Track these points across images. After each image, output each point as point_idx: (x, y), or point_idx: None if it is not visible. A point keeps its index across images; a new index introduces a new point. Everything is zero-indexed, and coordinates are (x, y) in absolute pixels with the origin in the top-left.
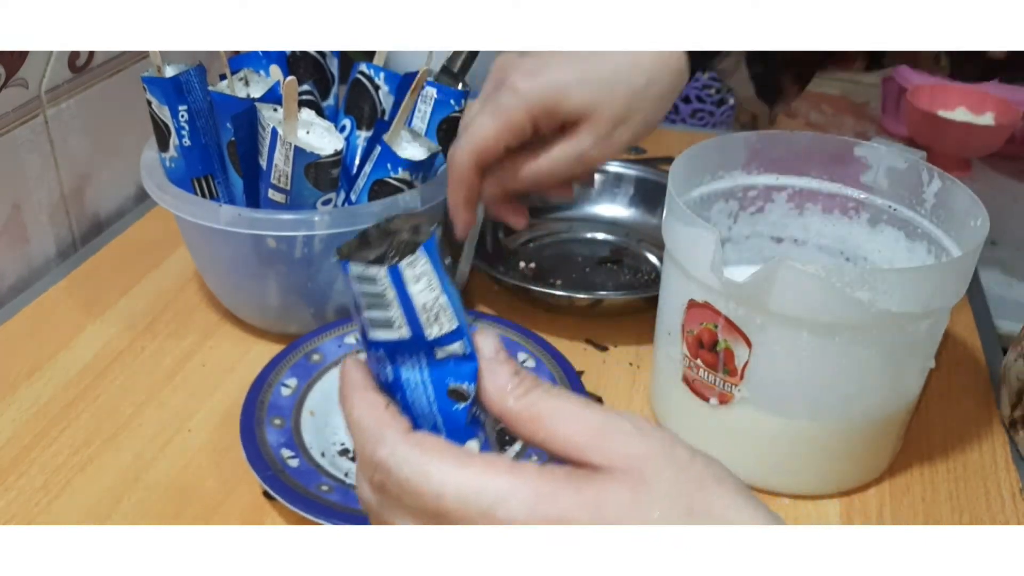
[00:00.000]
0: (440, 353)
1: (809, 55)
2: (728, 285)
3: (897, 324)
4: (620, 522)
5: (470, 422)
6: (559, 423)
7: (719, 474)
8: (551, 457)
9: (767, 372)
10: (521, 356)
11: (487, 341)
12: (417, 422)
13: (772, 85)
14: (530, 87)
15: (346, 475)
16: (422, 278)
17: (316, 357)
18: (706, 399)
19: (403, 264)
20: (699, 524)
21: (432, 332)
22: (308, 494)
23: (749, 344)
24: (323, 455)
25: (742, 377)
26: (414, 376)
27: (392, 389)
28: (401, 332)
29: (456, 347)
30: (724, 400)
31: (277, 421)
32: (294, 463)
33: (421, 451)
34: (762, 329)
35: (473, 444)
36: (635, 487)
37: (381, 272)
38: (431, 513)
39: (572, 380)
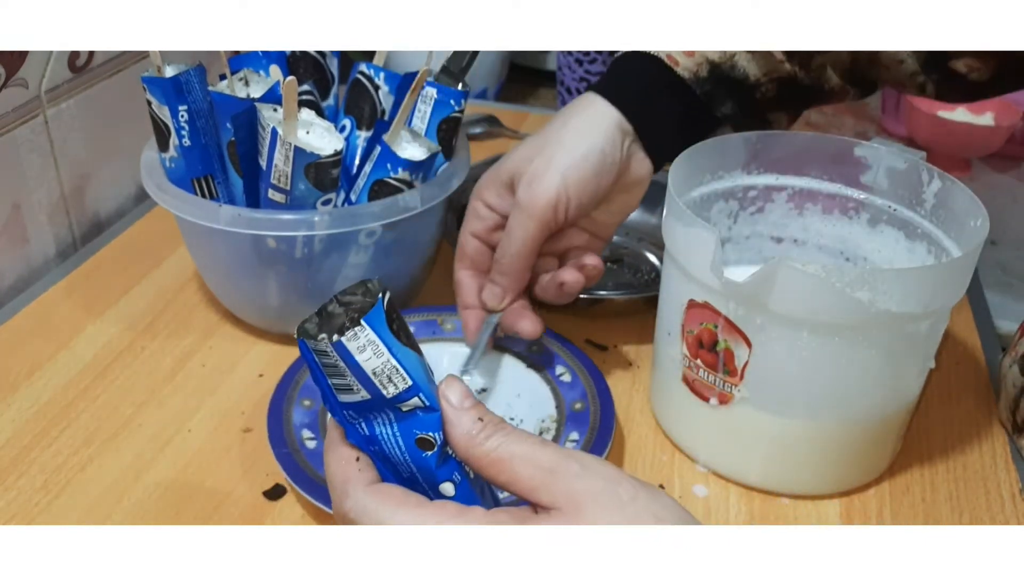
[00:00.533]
0: (404, 407)
1: (797, 100)
2: (728, 285)
3: (897, 324)
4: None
5: (441, 465)
6: (516, 466)
7: (659, 512)
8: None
9: (767, 372)
10: (559, 369)
11: (453, 390)
12: (397, 469)
13: (751, 125)
14: (483, 177)
15: None
16: (367, 347)
17: None
18: (706, 399)
19: (345, 338)
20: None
21: (389, 392)
22: (315, 477)
23: (749, 344)
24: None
25: (742, 377)
26: (385, 430)
27: (369, 442)
28: (362, 394)
29: (415, 401)
30: (724, 400)
31: (307, 402)
32: (311, 444)
33: (379, 502)
34: (762, 329)
35: (448, 486)
36: (571, 525)
37: (328, 347)
38: None
39: (603, 397)
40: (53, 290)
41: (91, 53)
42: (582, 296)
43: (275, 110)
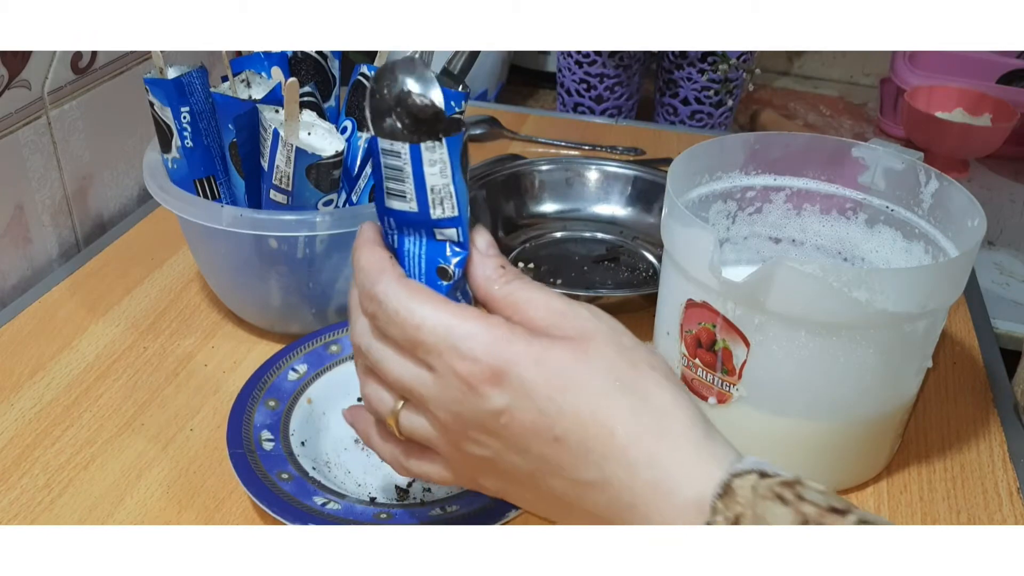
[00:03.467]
0: (439, 235)
1: None
2: (726, 285)
3: (894, 324)
4: (556, 374)
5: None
6: (531, 309)
7: (654, 362)
8: None
9: (765, 372)
10: None
11: (481, 236)
12: None
13: None
14: None
15: (313, 468)
16: (437, 163)
17: (335, 348)
18: (705, 399)
19: (423, 146)
20: (624, 394)
21: (436, 213)
22: (265, 478)
23: (747, 344)
24: (303, 444)
25: (740, 377)
26: (413, 248)
27: (394, 255)
28: (411, 205)
29: (452, 233)
30: (722, 399)
31: (272, 402)
32: (268, 446)
33: (409, 292)
34: (760, 329)
35: None
36: (576, 352)
37: (404, 148)
38: (409, 342)
39: None
40: (56, 290)
41: (94, 54)
42: (580, 294)
43: (277, 111)
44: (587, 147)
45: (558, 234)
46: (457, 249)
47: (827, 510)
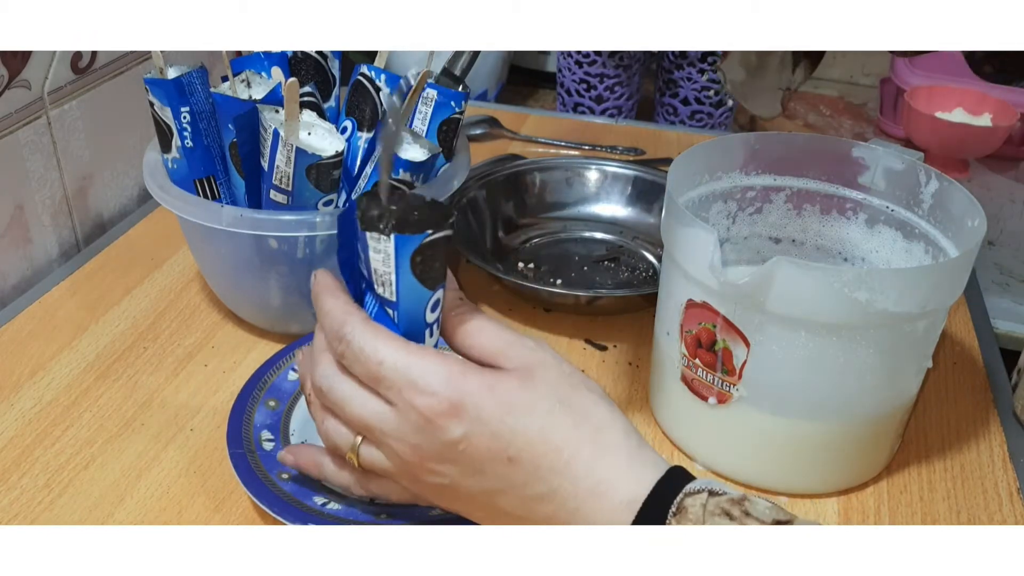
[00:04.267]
0: (386, 308)
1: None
2: (726, 285)
3: (895, 324)
4: (507, 399)
5: None
6: (482, 336)
7: (591, 385)
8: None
9: (765, 372)
10: None
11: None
12: None
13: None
14: None
15: None
16: (381, 252)
17: None
18: (705, 399)
19: (368, 235)
20: (566, 412)
21: (379, 290)
22: (265, 478)
23: (747, 344)
24: (303, 443)
25: (740, 377)
26: (370, 305)
27: (359, 299)
28: (365, 273)
29: (392, 313)
30: (723, 400)
31: (272, 402)
32: (268, 446)
33: (374, 333)
34: (760, 329)
35: None
36: (524, 380)
37: (361, 230)
38: (371, 378)
39: None
40: (56, 290)
41: (94, 54)
42: (580, 294)
43: (277, 111)
44: (587, 147)
45: (558, 234)
46: (394, 328)
47: (771, 523)
